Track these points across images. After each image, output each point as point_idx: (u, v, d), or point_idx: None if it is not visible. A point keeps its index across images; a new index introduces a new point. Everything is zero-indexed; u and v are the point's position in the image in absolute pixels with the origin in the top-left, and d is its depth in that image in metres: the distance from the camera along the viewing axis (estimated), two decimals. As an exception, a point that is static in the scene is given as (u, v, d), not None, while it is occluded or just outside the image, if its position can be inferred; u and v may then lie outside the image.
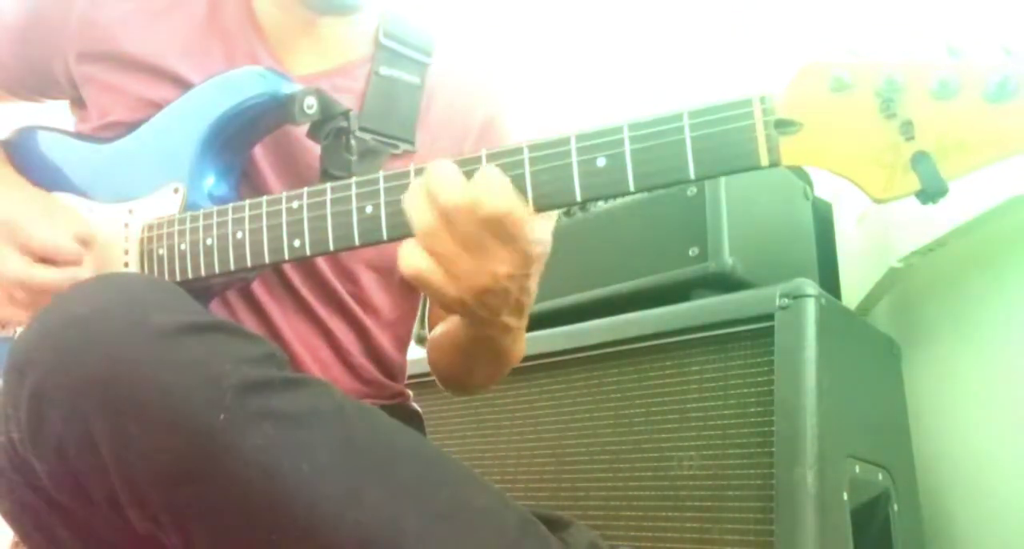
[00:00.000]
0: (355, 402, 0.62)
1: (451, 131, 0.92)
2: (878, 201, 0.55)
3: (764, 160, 0.55)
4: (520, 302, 0.67)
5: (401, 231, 0.65)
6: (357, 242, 0.67)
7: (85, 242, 0.78)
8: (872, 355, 1.12)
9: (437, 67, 0.93)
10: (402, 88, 0.89)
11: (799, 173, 1.39)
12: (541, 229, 0.62)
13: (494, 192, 0.59)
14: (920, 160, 0.52)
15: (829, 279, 1.34)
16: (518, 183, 0.61)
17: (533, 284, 0.67)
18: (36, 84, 0.93)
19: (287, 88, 0.78)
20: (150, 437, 0.54)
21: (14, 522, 0.67)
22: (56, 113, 0.95)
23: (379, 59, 0.89)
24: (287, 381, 0.58)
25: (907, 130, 0.53)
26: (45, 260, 0.76)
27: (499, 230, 0.59)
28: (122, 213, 0.81)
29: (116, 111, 0.85)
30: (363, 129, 0.84)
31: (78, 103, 0.91)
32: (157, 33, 0.85)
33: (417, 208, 0.61)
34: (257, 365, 0.57)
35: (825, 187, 1.43)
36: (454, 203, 0.59)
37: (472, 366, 0.86)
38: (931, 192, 0.52)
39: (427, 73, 0.92)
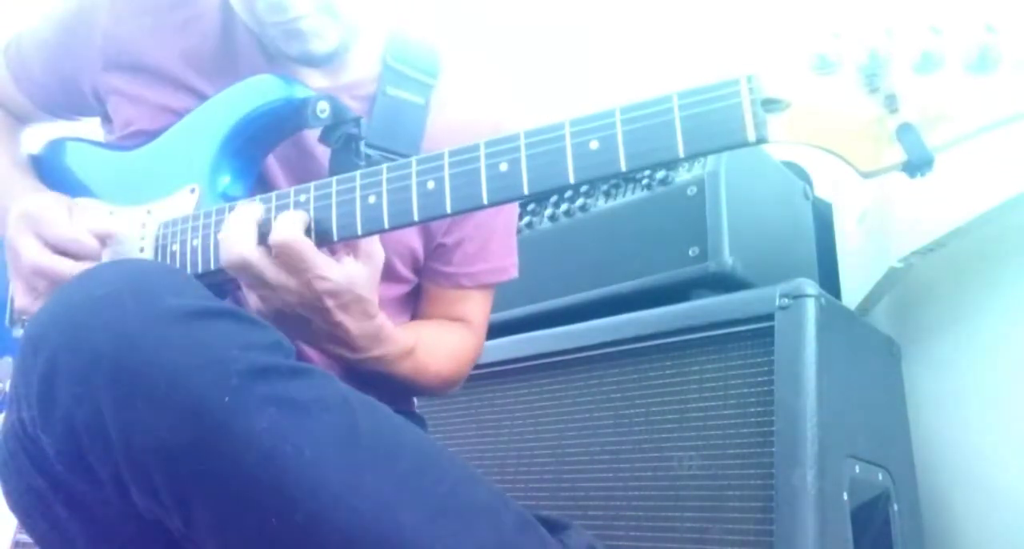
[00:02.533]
0: (360, 395, 0.63)
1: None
2: (865, 175, 0.56)
3: (751, 137, 0.57)
4: (334, 335, 0.74)
5: (402, 219, 0.67)
6: (360, 231, 0.69)
7: (103, 238, 0.80)
8: (872, 355, 1.12)
9: (442, 89, 0.94)
10: (407, 108, 0.91)
11: (799, 173, 1.39)
12: (328, 266, 0.69)
13: (278, 227, 0.68)
14: (905, 131, 0.53)
15: (829, 279, 1.34)
16: (514, 168, 0.63)
17: (344, 319, 0.73)
18: (68, 101, 0.96)
19: (301, 93, 0.81)
20: (156, 416, 0.55)
21: (19, 508, 0.68)
22: (89, 132, 0.99)
23: (385, 79, 0.90)
24: (293, 369, 0.60)
25: (891, 103, 0.54)
26: (65, 253, 0.78)
27: (285, 260, 0.68)
28: (140, 214, 0.84)
29: (139, 120, 0.88)
30: (370, 146, 0.85)
31: (106, 118, 0.94)
32: (174, 47, 0.88)
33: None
34: (264, 352, 0.59)
35: (825, 187, 1.43)
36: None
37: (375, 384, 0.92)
38: (917, 163, 0.53)
39: (432, 95, 0.93)
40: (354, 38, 0.86)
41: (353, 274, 0.72)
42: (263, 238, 0.69)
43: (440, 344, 0.92)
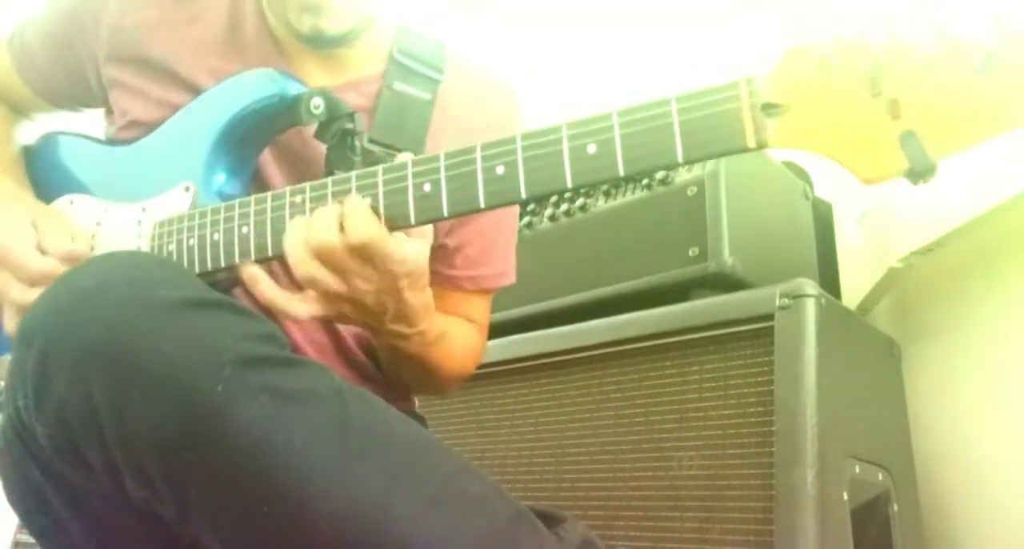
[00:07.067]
0: (354, 387, 0.63)
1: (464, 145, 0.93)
2: (867, 182, 0.54)
3: (751, 142, 0.56)
4: (400, 311, 0.72)
5: (399, 222, 0.67)
6: None
7: (71, 260, 0.78)
8: (872, 355, 1.12)
9: (449, 84, 0.93)
10: (413, 103, 0.90)
11: (799, 173, 1.39)
12: (403, 250, 0.67)
13: (357, 226, 0.66)
14: (908, 139, 0.52)
15: (829, 279, 1.34)
16: (511, 172, 0.62)
17: (411, 296, 0.71)
18: (72, 91, 0.96)
19: (294, 89, 0.81)
20: (149, 405, 0.55)
21: (17, 501, 0.68)
22: (92, 123, 0.98)
23: (392, 74, 0.90)
24: (287, 360, 0.60)
25: (893, 109, 0.52)
26: (42, 284, 0.77)
27: (363, 255, 0.66)
28: (136, 212, 0.84)
29: (136, 111, 0.88)
30: (372, 141, 0.85)
31: (108, 109, 0.94)
32: (179, 42, 0.88)
33: (295, 248, 0.68)
34: (258, 342, 0.59)
35: (825, 187, 1.43)
36: (328, 244, 0.66)
37: (399, 371, 0.91)
38: (919, 171, 0.52)
39: (438, 90, 0.92)
40: (366, 28, 0.86)
41: (422, 252, 0.71)
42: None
43: (457, 335, 0.92)
